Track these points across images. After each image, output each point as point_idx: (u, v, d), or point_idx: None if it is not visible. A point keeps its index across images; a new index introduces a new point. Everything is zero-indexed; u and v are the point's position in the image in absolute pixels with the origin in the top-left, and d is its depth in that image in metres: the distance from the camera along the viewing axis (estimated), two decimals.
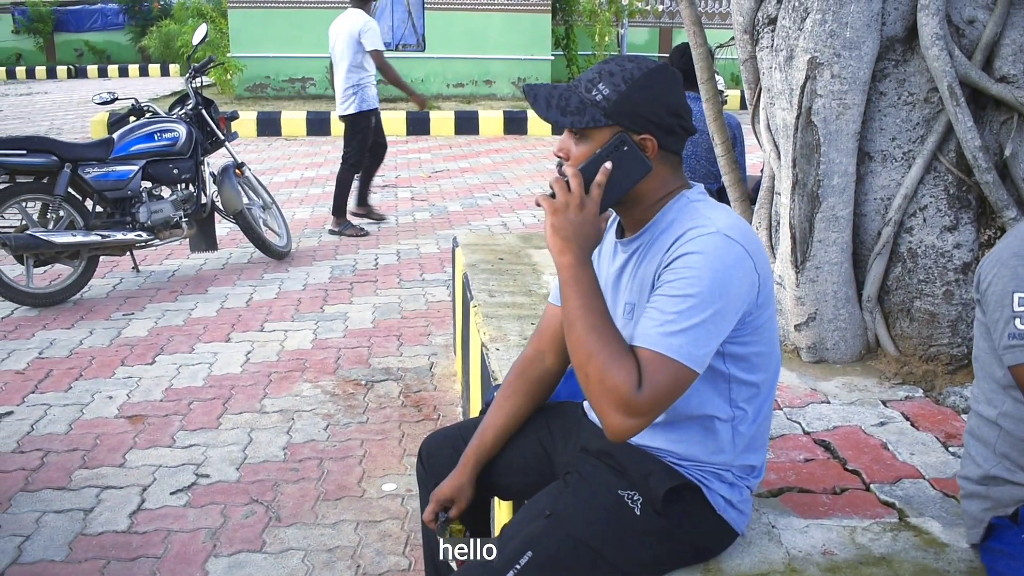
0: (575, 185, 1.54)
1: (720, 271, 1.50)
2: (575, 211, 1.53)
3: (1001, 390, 1.67)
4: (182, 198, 5.64)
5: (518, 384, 1.92)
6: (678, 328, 1.46)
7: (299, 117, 13.10)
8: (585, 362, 1.47)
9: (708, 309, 1.48)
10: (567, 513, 1.65)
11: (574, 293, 1.51)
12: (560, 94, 1.62)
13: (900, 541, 1.89)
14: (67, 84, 23.12)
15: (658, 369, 1.45)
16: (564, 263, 1.53)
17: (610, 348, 1.46)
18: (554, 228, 1.53)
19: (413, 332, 4.80)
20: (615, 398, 1.43)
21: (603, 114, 1.57)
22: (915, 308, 2.83)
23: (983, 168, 2.65)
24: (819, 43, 2.71)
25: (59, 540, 2.84)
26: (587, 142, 1.60)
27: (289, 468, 3.31)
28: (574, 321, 1.50)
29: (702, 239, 1.52)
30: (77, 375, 4.19)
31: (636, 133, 1.59)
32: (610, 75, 1.59)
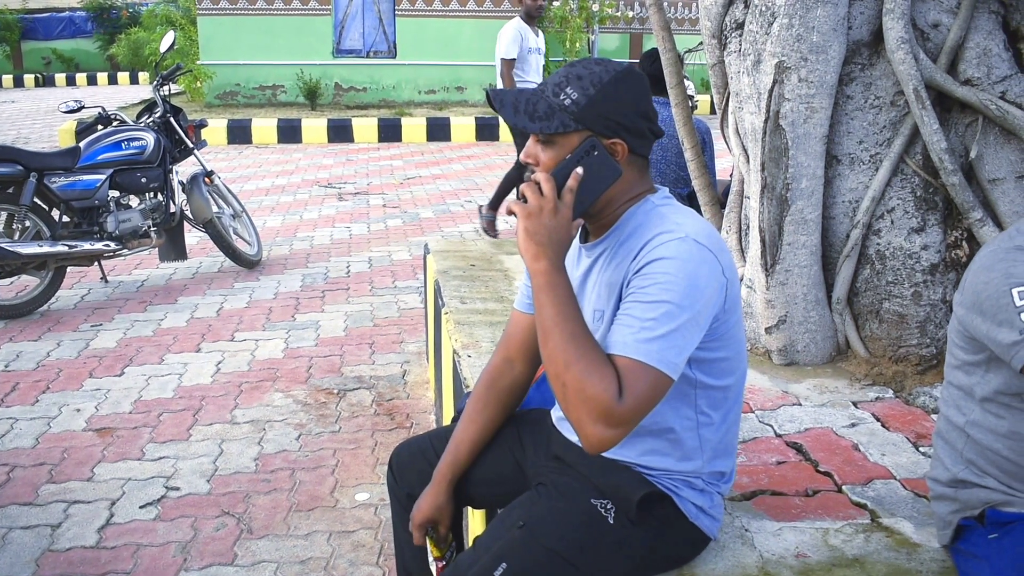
0: (547, 189, 1.51)
1: (692, 277, 1.48)
2: (549, 215, 1.50)
3: (968, 398, 1.67)
4: (151, 207, 5.58)
5: (489, 396, 1.90)
6: (655, 335, 1.44)
7: (270, 125, 13.03)
8: (562, 371, 1.43)
9: (683, 315, 1.46)
10: (540, 524, 1.63)
11: (549, 300, 1.48)
12: (527, 99, 1.59)
13: (873, 542, 1.89)
14: (34, 93, 22.85)
15: (638, 377, 1.42)
16: (539, 269, 1.49)
17: (588, 357, 1.43)
18: (527, 233, 1.49)
19: (385, 340, 4.78)
20: (595, 408, 1.40)
21: (572, 119, 1.55)
22: (884, 309, 2.85)
23: (949, 170, 2.67)
24: (786, 47, 2.72)
25: (25, 556, 2.79)
26: (556, 148, 1.57)
27: (261, 479, 3.28)
28: (550, 329, 1.46)
29: (671, 244, 1.51)
30: (44, 388, 4.13)
31: (605, 137, 1.57)
32: (578, 79, 1.57)
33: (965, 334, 1.64)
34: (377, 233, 7.36)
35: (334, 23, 15.60)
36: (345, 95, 15.76)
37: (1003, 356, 1.53)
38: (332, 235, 7.29)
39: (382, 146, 12.82)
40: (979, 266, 1.61)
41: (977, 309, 1.58)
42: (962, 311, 1.63)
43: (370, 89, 15.86)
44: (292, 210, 8.26)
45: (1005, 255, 1.57)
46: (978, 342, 1.61)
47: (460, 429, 1.89)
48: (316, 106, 15.02)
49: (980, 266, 1.61)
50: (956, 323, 1.68)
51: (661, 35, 3.51)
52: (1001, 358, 1.54)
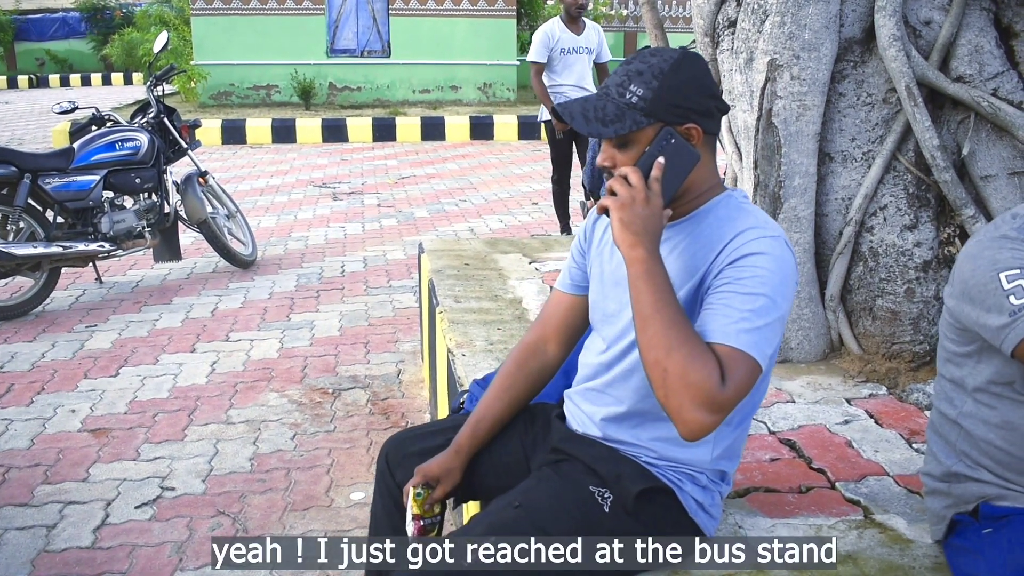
0: (636, 179, 1.53)
1: (786, 276, 1.52)
2: (641, 205, 1.51)
3: (960, 390, 1.68)
4: (145, 208, 5.57)
5: (518, 375, 1.90)
6: (753, 326, 1.46)
7: (264, 125, 13.02)
8: (664, 357, 1.43)
9: (776, 311, 1.49)
10: (535, 505, 1.64)
11: (648, 288, 1.48)
12: (593, 106, 1.60)
13: (866, 538, 1.90)
14: (28, 93, 22.81)
15: (739, 365, 1.44)
16: (636, 257, 1.49)
17: (691, 343, 1.44)
18: (623, 223, 1.50)
19: (380, 339, 4.78)
20: (699, 394, 1.41)
21: (643, 114, 1.56)
22: (877, 306, 2.86)
23: (941, 167, 2.68)
24: (778, 45, 2.73)
25: (21, 557, 2.79)
26: (632, 146, 1.59)
27: (256, 479, 3.28)
28: (650, 316, 1.46)
29: (767, 241, 1.54)
30: (39, 389, 4.13)
31: (679, 125, 1.58)
32: (639, 74, 1.58)
33: (956, 325, 1.65)
34: (372, 233, 7.36)
35: (328, 23, 15.59)
36: (339, 95, 15.75)
37: (993, 341, 1.54)
38: (327, 235, 7.28)
39: (376, 146, 12.81)
40: (966, 255, 1.63)
41: (966, 297, 1.60)
42: (952, 302, 1.65)
43: (364, 89, 15.85)
44: (287, 210, 8.26)
45: (991, 243, 1.59)
46: (969, 332, 1.62)
47: (483, 405, 1.89)
48: (310, 106, 15.01)
49: (967, 255, 1.63)
50: (947, 315, 1.69)
51: (654, 33, 3.52)
52: (992, 344, 1.56)
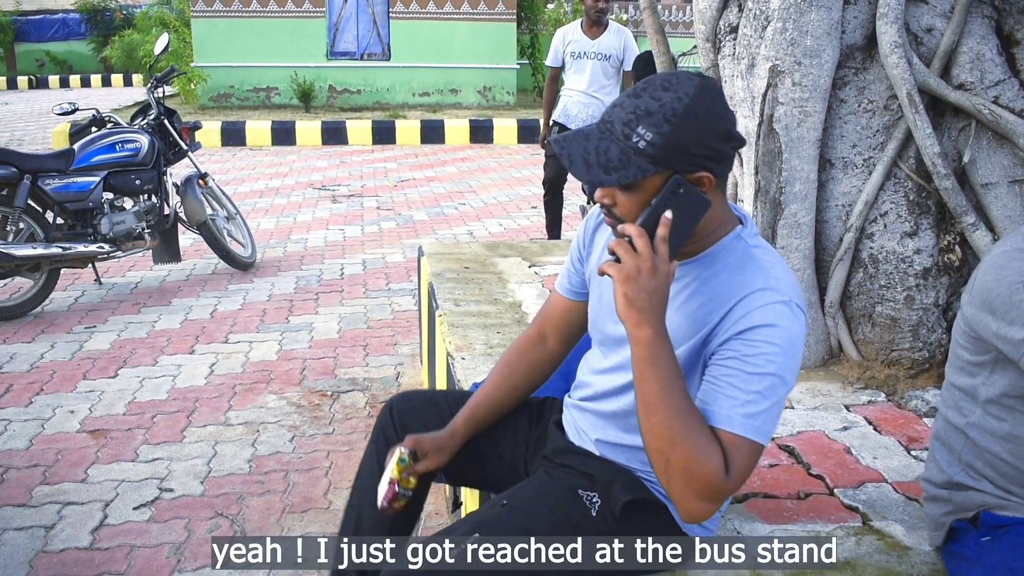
0: (642, 246, 1.40)
1: (795, 348, 1.46)
2: (648, 276, 1.40)
3: (970, 399, 1.66)
4: (145, 209, 5.57)
5: (518, 365, 1.89)
6: (759, 409, 1.41)
7: (264, 127, 13.02)
8: (668, 449, 1.39)
9: (784, 388, 1.45)
10: (522, 504, 1.64)
11: (653, 374, 1.40)
12: (595, 148, 1.45)
13: (864, 545, 1.90)
14: (28, 95, 22.79)
15: (744, 453, 1.41)
16: (641, 338, 1.41)
17: (696, 435, 1.38)
18: (627, 299, 1.40)
19: (379, 342, 4.78)
20: (703, 487, 1.38)
21: (650, 161, 1.42)
22: (877, 313, 2.86)
23: (942, 174, 2.69)
24: (780, 51, 2.74)
25: (19, 558, 2.78)
26: (636, 191, 1.45)
27: (254, 481, 3.28)
28: (654, 404, 1.40)
29: (777, 310, 1.45)
30: (38, 389, 4.12)
31: (689, 172, 1.44)
32: (648, 114, 1.42)
33: (971, 334, 1.63)
34: (371, 235, 7.37)
35: (328, 25, 15.60)
36: (339, 97, 15.75)
37: (1012, 355, 1.52)
38: (326, 237, 7.28)
39: (376, 148, 12.82)
40: (989, 266, 1.59)
41: (987, 308, 1.57)
42: (971, 310, 1.62)
43: (364, 91, 15.85)
44: (286, 212, 8.26)
45: (1017, 255, 1.55)
46: (984, 342, 1.60)
47: (483, 392, 1.88)
48: (310, 108, 15.01)
49: (991, 266, 1.59)
50: (962, 323, 1.67)
51: (655, 38, 3.52)
52: (1009, 357, 1.54)
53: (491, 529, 1.58)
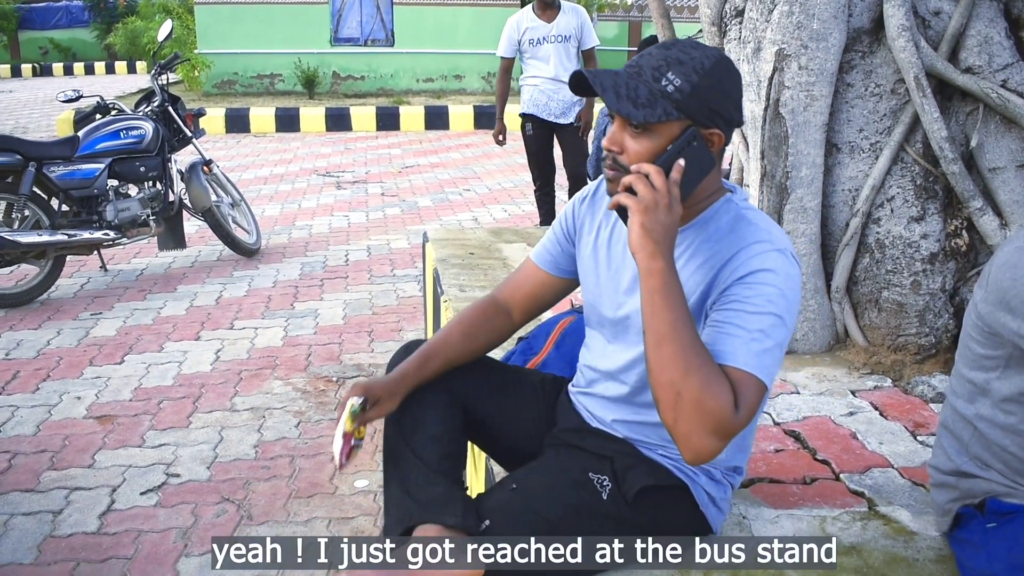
0: (660, 182, 1.43)
1: (793, 292, 1.48)
2: (665, 211, 1.42)
3: (981, 392, 1.64)
4: (149, 196, 5.57)
5: (480, 329, 1.84)
6: (763, 348, 1.42)
7: (268, 114, 13.00)
8: (679, 380, 1.38)
9: (785, 329, 1.46)
10: (531, 488, 1.63)
11: (665, 305, 1.41)
12: (625, 83, 1.49)
13: (870, 530, 1.90)
14: (32, 82, 22.78)
15: (752, 390, 1.41)
16: (656, 269, 1.41)
17: (707, 367, 1.39)
18: (645, 229, 1.41)
19: (384, 328, 4.78)
20: (713, 420, 1.37)
21: (675, 107, 1.47)
22: (883, 298, 2.85)
23: (949, 159, 2.67)
24: (786, 35, 2.72)
25: (28, 542, 2.80)
26: (650, 136, 1.49)
27: (260, 466, 3.29)
28: (666, 335, 1.40)
29: (773, 256, 1.48)
30: (45, 376, 4.13)
31: (704, 127, 1.50)
32: (679, 63, 1.48)
33: (986, 330, 1.60)
34: (375, 222, 7.36)
35: (332, 11, 15.55)
36: (343, 84, 15.73)
37: None
38: (331, 224, 7.28)
39: (380, 135, 12.80)
40: (1004, 263, 1.56)
41: (1004, 306, 1.54)
42: (986, 308, 1.59)
43: (368, 78, 15.83)
44: (291, 199, 8.26)
45: None
46: (999, 338, 1.58)
47: (440, 343, 1.80)
48: (314, 95, 14.99)
49: (1005, 263, 1.56)
50: (975, 318, 1.64)
51: (661, 22, 3.51)
52: None
53: (502, 515, 1.58)
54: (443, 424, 1.75)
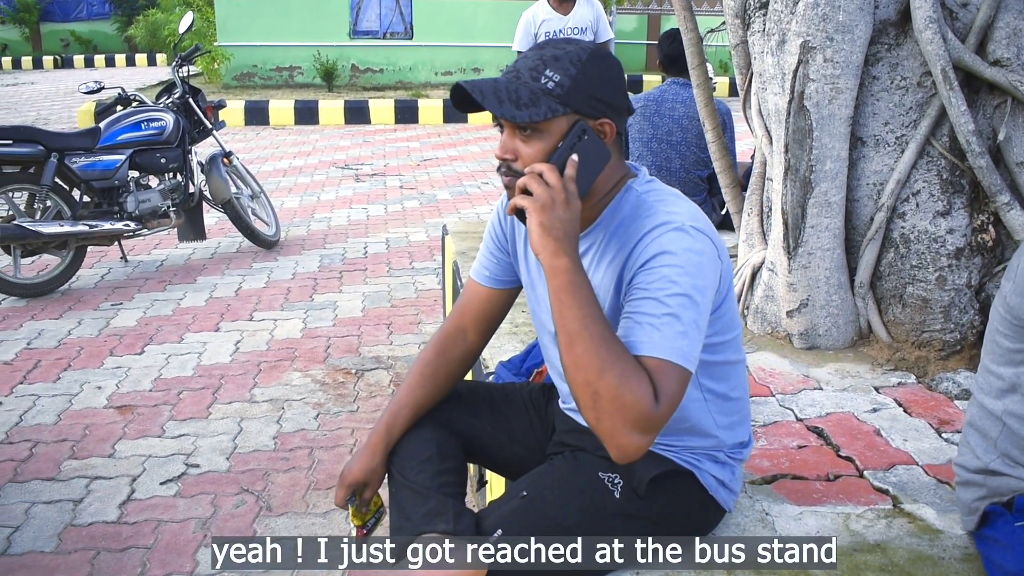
0: (554, 179, 1.42)
1: (697, 266, 1.44)
2: (562, 207, 1.41)
3: (1010, 387, 1.61)
4: (170, 187, 5.59)
5: (439, 363, 1.82)
6: (676, 331, 1.38)
7: (287, 106, 13.02)
8: (595, 379, 1.35)
9: (696, 308, 1.41)
10: (542, 494, 1.61)
11: (573, 302, 1.39)
12: (506, 87, 1.48)
13: (894, 528, 1.88)
14: (53, 74, 22.93)
15: (670, 378, 1.37)
16: (559, 267, 1.40)
17: (622, 362, 1.35)
18: (543, 227, 1.40)
19: (403, 320, 4.78)
20: (634, 416, 1.34)
21: (558, 102, 1.46)
22: (908, 294, 2.82)
23: (976, 153, 2.64)
24: (812, 27, 2.69)
25: (48, 531, 2.81)
26: (540, 137, 1.48)
27: (279, 457, 3.29)
28: (577, 333, 1.37)
29: (671, 236, 1.45)
30: (66, 365, 4.16)
31: (593, 119, 1.49)
32: (555, 60, 1.48)
33: (1014, 323, 1.58)
34: (394, 214, 7.36)
35: (351, 4, 15.56)
36: (362, 76, 15.74)
37: None
38: (349, 216, 7.29)
39: (399, 127, 12.80)
40: None
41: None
42: (1016, 299, 1.56)
43: (387, 70, 15.84)
44: (309, 191, 8.27)
45: None
46: None
47: (403, 394, 1.80)
48: (333, 87, 15.01)
49: None
50: (1002, 311, 1.61)
51: (683, 15, 3.48)
52: None
53: (515, 524, 1.57)
54: (434, 446, 1.75)
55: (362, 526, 1.82)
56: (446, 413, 1.83)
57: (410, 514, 1.64)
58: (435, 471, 1.71)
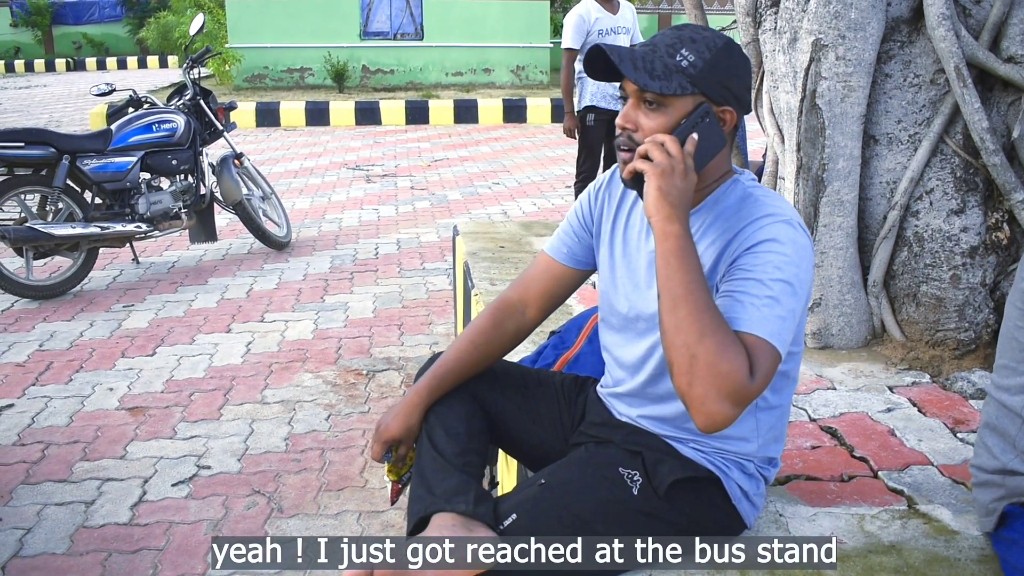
0: (675, 149, 1.46)
1: (802, 261, 1.48)
2: (681, 176, 1.44)
3: None
4: (181, 189, 5.61)
5: (492, 334, 1.83)
6: (775, 314, 1.41)
7: (298, 107, 13.06)
8: (695, 343, 1.36)
9: (796, 298, 1.45)
10: (560, 484, 1.61)
11: (682, 267, 1.41)
12: (642, 56, 1.51)
13: (910, 529, 1.86)
14: (65, 77, 23.04)
15: (765, 356, 1.39)
16: (672, 232, 1.42)
17: (723, 331, 1.37)
18: (662, 192, 1.43)
19: (414, 321, 4.78)
20: (728, 385, 1.34)
21: (689, 81, 1.50)
22: (921, 293, 2.80)
23: (990, 150, 2.62)
24: (823, 24, 2.67)
25: (60, 533, 2.82)
26: (665, 112, 1.51)
27: (291, 459, 3.29)
28: (682, 297, 1.39)
29: (781, 227, 1.49)
30: (78, 367, 4.17)
31: (717, 104, 1.53)
32: (692, 41, 1.51)
33: None
34: (405, 215, 7.36)
35: (361, 5, 15.59)
36: (372, 77, 15.76)
37: None
38: (360, 217, 7.29)
39: (409, 128, 12.82)
40: None
41: None
42: None
43: (397, 71, 15.85)
44: (320, 192, 8.28)
45: None
46: None
47: (450, 358, 1.82)
48: (344, 89, 15.04)
49: None
50: (1020, 306, 1.59)
51: (694, 13, 3.46)
52: None
53: (528, 511, 1.56)
54: (464, 423, 1.77)
55: (398, 480, 1.85)
56: (478, 388, 1.84)
57: (432, 486, 1.64)
58: (461, 448, 1.72)
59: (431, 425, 1.77)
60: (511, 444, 1.95)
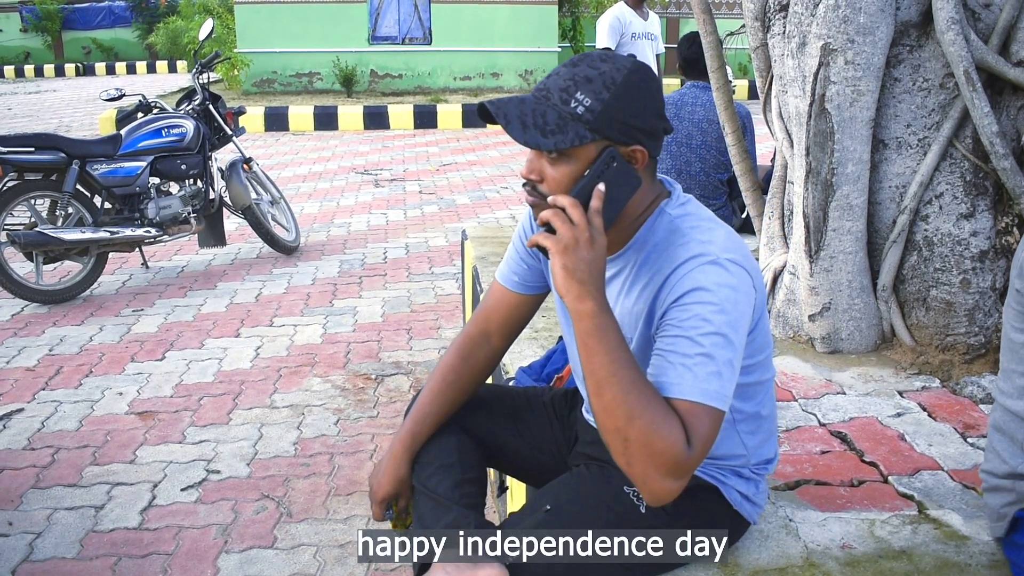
0: (578, 216, 1.36)
1: (733, 303, 1.39)
2: (586, 247, 1.35)
3: None
4: (190, 194, 5.63)
5: (462, 369, 1.79)
6: (709, 372, 1.35)
7: (306, 112, 13.09)
8: (625, 426, 1.32)
9: (730, 346, 1.38)
10: (566, 507, 1.59)
11: (601, 347, 1.35)
12: (532, 110, 1.42)
13: (920, 534, 1.85)
14: (75, 82, 23.14)
15: (703, 420, 1.34)
16: (585, 311, 1.35)
17: (652, 407, 1.32)
18: (567, 270, 1.35)
19: (423, 326, 4.78)
20: (665, 462, 1.31)
21: (588, 128, 1.39)
22: (931, 297, 2.79)
23: (1000, 154, 2.61)
24: (832, 29, 2.67)
25: (70, 537, 2.83)
26: (567, 162, 1.42)
27: (300, 463, 3.30)
28: (605, 379, 1.34)
29: (704, 271, 1.40)
30: (87, 372, 4.18)
31: (624, 145, 1.43)
32: (588, 81, 1.40)
33: None
34: (413, 219, 7.37)
35: (369, 10, 15.62)
36: (381, 82, 15.79)
37: None
38: (369, 221, 7.30)
39: (418, 133, 12.83)
40: None
41: None
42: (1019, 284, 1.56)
43: (405, 76, 15.88)
44: (329, 196, 8.29)
45: None
46: None
47: (426, 400, 1.78)
48: (352, 93, 15.06)
49: None
50: (1014, 303, 1.59)
51: (702, 18, 3.46)
52: None
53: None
54: (456, 453, 1.74)
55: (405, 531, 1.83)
56: (467, 418, 1.82)
57: (429, 524, 1.63)
58: (456, 480, 1.70)
59: (422, 466, 1.74)
60: (510, 467, 1.95)
